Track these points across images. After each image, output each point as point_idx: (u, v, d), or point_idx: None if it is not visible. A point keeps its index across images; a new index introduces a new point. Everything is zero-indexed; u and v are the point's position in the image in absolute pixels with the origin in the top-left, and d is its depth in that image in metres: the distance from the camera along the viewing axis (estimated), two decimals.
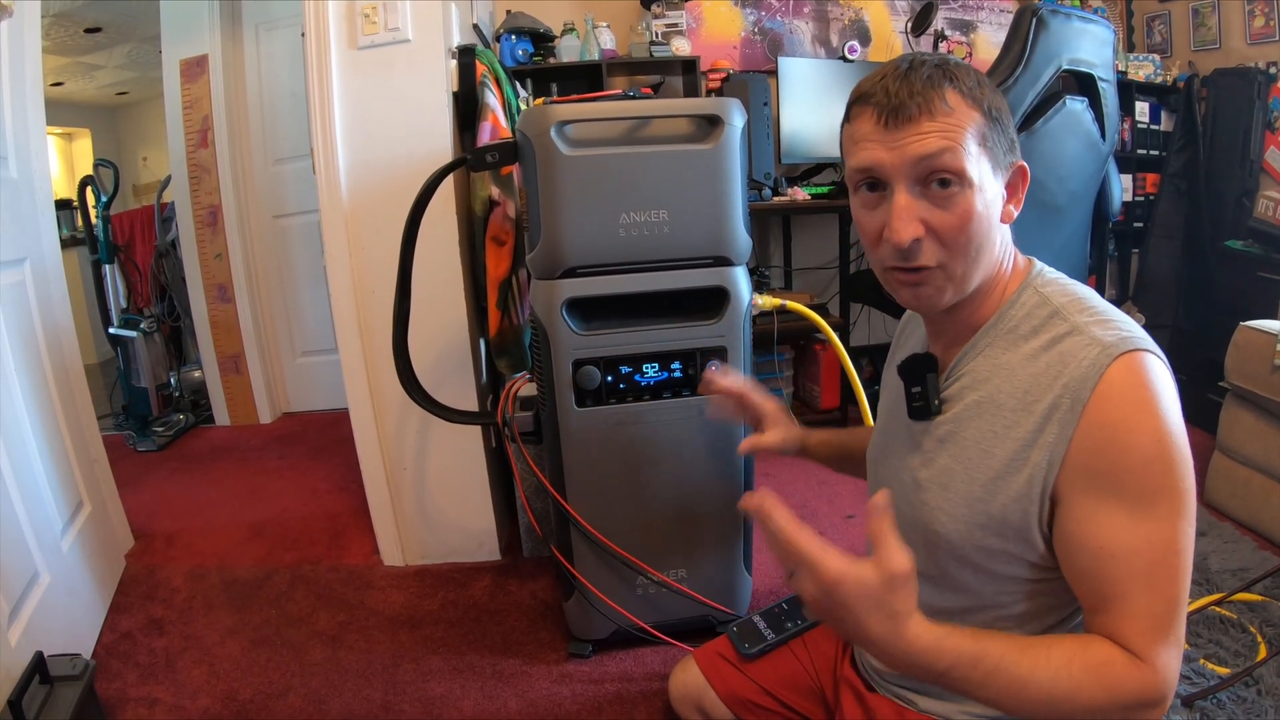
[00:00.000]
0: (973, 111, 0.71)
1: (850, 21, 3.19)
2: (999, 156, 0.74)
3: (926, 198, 0.72)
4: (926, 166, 0.70)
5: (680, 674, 1.17)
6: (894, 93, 0.71)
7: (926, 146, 0.70)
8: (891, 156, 0.71)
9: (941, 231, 0.72)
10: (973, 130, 0.71)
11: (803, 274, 3.27)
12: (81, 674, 1.32)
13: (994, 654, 0.66)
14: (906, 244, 0.72)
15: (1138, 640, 0.66)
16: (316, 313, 3.16)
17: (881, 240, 0.74)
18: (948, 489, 0.78)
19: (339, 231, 1.79)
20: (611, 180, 1.34)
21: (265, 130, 3.06)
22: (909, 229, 0.71)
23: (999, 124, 0.73)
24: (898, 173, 0.71)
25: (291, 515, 2.30)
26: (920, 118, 0.70)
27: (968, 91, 0.72)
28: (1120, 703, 0.65)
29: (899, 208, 0.71)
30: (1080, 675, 0.65)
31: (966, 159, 0.70)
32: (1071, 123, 2.04)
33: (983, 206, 0.72)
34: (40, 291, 1.74)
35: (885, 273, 0.78)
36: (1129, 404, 0.67)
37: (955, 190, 0.71)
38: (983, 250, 0.74)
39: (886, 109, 0.71)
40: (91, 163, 3.58)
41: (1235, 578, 1.73)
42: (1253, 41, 2.99)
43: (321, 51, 1.73)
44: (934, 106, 0.70)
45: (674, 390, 1.45)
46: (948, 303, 0.77)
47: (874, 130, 0.72)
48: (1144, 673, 0.65)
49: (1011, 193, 0.77)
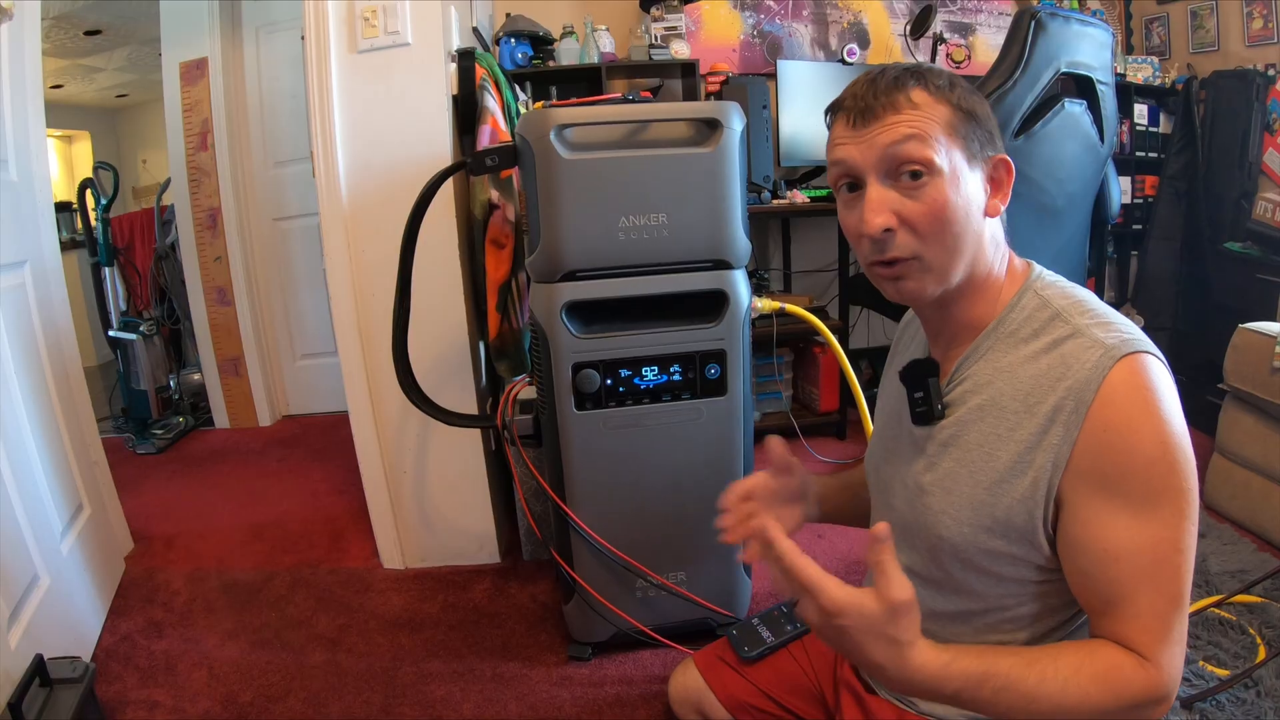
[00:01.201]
0: (939, 106, 0.73)
1: (849, 24, 3.20)
2: (973, 148, 0.75)
3: (898, 189, 0.73)
4: (894, 156, 0.72)
5: (680, 677, 1.17)
6: (861, 96, 0.75)
7: (892, 135, 0.72)
8: (860, 151, 0.74)
9: (914, 221, 0.73)
10: (940, 122, 0.73)
11: (802, 277, 3.27)
12: (81, 677, 1.32)
13: (1001, 671, 0.66)
14: (878, 234, 0.73)
15: (1143, 641, 0.66)
16: (316, 315, 3.16)
17: (860, 236, 0.76)
18: (951, 492, 0.78)
19: (339, 234, 1.79)
20: (611, 184, 1.34)
21: (265, 133, 3.06)
22: (880, 219, 0.73)
23: (972, 118, 0.75)
24: (868, 166, 0.74)
25: (291, 518, 2.30)
26: (885, 114, 0.73)
27: (935, 90, 0.74)
28: (1128, 705, 0.66)
29: (870, 199, 0.74)
30: (1088, 683, 0.66)
31: (935, 147, 0.72)
32: (1070, 125, 2.04)
33: (956, 196, 0.73)
34: (40, 294, 1.74)
35: (869, 269, 0.79)
36: (1132, 406, 0.67)
37: (925, 180, 0.72)
38: (961, 240, 0.74)
39: (854, 111, 0.74)
40: (91, 165, 3.59)
41: (1234, 579, 1.73)
42: (1251, 44, 3.00)
43: (321, 54, 1.73)
44: (899, 104, 0.73)
45: (673, 393, 1.45)
46: (932, 294, 0.77)
47: (845, 131, 0.76)
48: (1150, 673, 0.66)
49: (996, 187, 0.77)
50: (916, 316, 0.97)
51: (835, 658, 1.06)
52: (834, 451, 2.68)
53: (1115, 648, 0.67)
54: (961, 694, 0.66)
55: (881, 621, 0.63)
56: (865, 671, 0.67)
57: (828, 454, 2.64)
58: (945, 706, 0.86)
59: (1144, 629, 0.66)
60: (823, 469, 2.54)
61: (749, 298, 1.47)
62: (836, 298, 2.84)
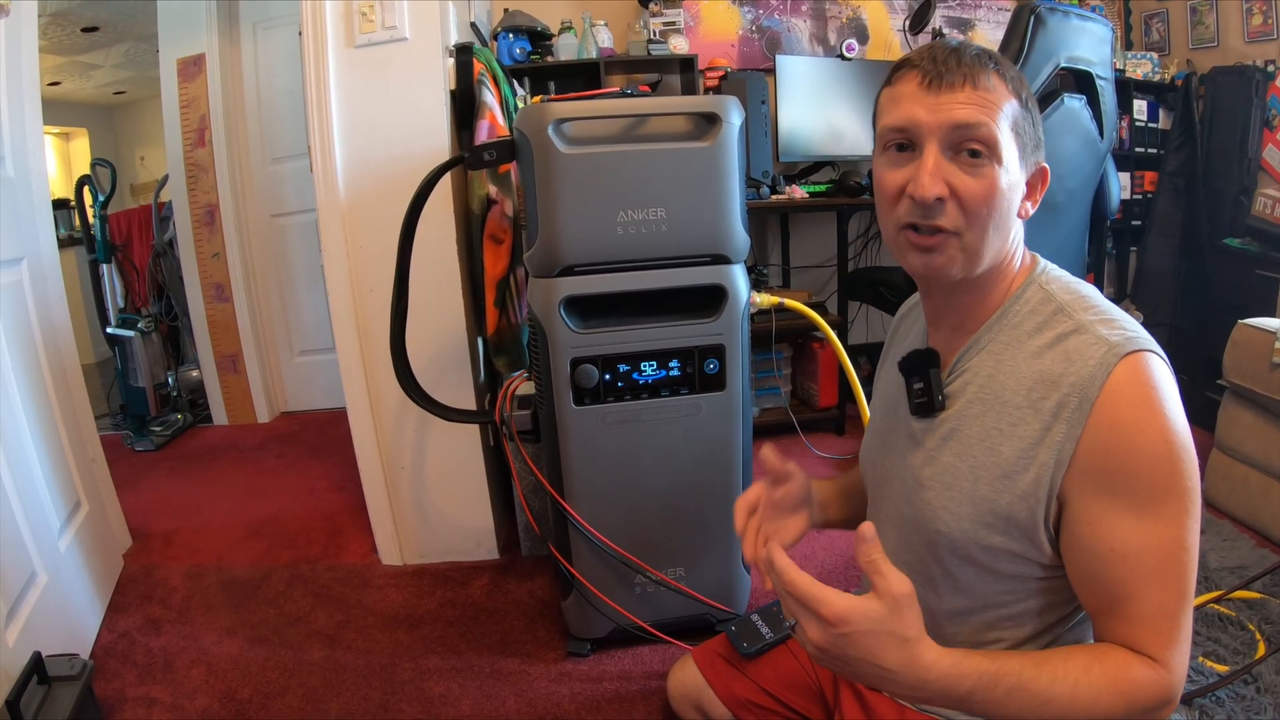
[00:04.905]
0: (1011, 97, 0.73)
1: (848, 19, 3.19)
2: (1026, 148, 0.75)
3: (956, 163, 0.73)
4: (961, 135, 0.72)
5: (679, 673, 1.17)
6: (942, 60, 0.73)
7: (965, 115, 0.71)
8: (930, 116, 0.72)
9: (965, 198, 0.72)
10: (1008, 112, 0.72)
11: (801, 272, 3.27)
12: (80, 674, 1.32)
13: (1012, 671, 0.66)
14: (931, 199, 0.72)
15: (1152, 642, 0.66)
16: (314, 312, 3.15)
17: (902, 197, 0.74)
18: (951, 487, 0.78)
19: (336, 230, 1.79)
20: (609, 178, 1.34)
21: (263, 129, 3.05)
22: (935, 185, 0.72)
23: (1031, 118, 0.75)
24: (932, 133, 0.72)
25: (289, 515, 2.30)
26: (964, 86, 0.72)
27: (1009, 79, 0.74)
28: (1139, 707, 0.65)
29: (927, 164, 0.72)
30: (1099, 684, 0.65)
31: (1000, 134, 0.71)
32: (1070, 120, 2.04)
33: (1007, 186, 0.73)
34: (38, 291, 1.74)
35: (899, 233, 0.77)
36: (1136, 404, 0.67)
37: (984, 162, 0.72)
38: (999, 230, 0.74)
39: (932, 73, 0.73)
40: (89, 162, 3.58)
41: (1234, 575, 1.73)
42: (1250, 40, 2.99)
43: (319, 50, 1.72)
44: (978, 80, 0.72)
45: (672, 388, 1.45)
46: (955, 276, 0.76)
47: (916, 90, 0.73)
48: (1161, 676, 0.66)
49: (1030, 191, 0.77)
50: (915, 307, 0.96)
51: None
52: (833, 447, 2.68)
53: (1123, 650, 0.67)
54: (975, 694, 0.65)
55: (887, 619, 0.62)
56: (878, 686, 0.66)
57: (826, 450, 2.64)
58: None
59: (1152, 629, 0.66)
60: (821, 466, 2.54)
61: (748, 293, 1.47)
62: (835, 293, 2.83)
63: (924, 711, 0.87)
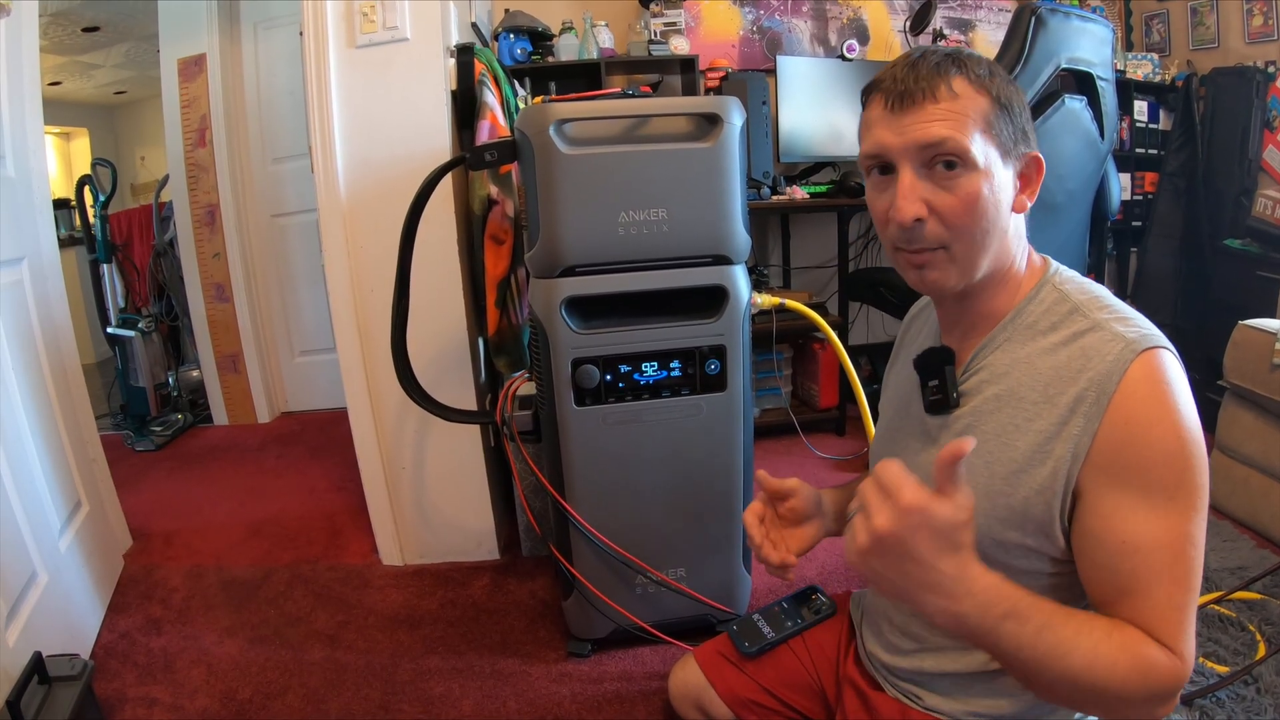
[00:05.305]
0: (979, 98, 0.73)
1: (849, 20, 3.19)
2: (1008, 144, 0.74)
3: (931, 179, 0.73)
4: (930, 152, 0.72)
5: (680, 673, 1.17)
6: (901, 79, 0.73)
7: (930, 133, 0.72)
8: (896, 139, 0.73)
9: (944, 213, 0.73)
10: (978, 116, 0.72)
11: (801, 273, 3.27)
12: (80, 674, 1.31)
13: (1045, 609, 0.65)
14: (909, 223, 0.73)
15: (1162, 630, 0.66)
16: (315, 312, 3.15)
17: (888, 220, 0.76)
18: (966, 483, 0.78)
19: (337, 230, 1.79)
20: (610, 179, 1.34)
21: (263, 129, 3.05)
22: (911, 208, 0.73)
23: (1008, 112, 0.74)
24: (903, 155, 0.73)
25: (290, 515, 2.30)
26: (925, 103, 0.72)
27: (976, 79, 0.73)
28: (1152, 683, 0.65)
29: (903, 187, 0.73)
30: (1118, 651, 0.65)
31: (971, 143, 0.71)
32: (1070, 121, 2.04)
33: (988, 191, 0.73)
34: (38, 291, 1.74)
35: (894, 254, 0.79)
36: (1152, 401, 0.68)
37: (959, 173, 0.72)
38: (989, 235, 0.74)
39: (893, 94, 0.73)
40: (89, 162, 3.58)
41: (1234, 576, 1.73)
42: (1251, 40, 3.00)
43: (320, 50, 1.72)
44: (939, 93, 0.72)
45: (673, 389, 1.45)
46: (954, 287, 0.77)
47: (883, 114, 0.74)
48: (1174, 661, 0.66)
49: (1025, 183, 0.78)
50: (925, 307, 0.96)
51: (838, 654, 1.06)
52: (833, 448, 2.68)
53: (1139, 630, 0.67)
54: (1007, 620, 0.63)
55: (955, 521, 0.61)
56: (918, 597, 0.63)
57: (827, 450, 2.64)
58: (950, 704, 0.85)
59: (1163, 620, 0.66)
60: (822, 466, 2.54)
61: (749, 293, 1.47)
62: (836, 294, 2.83)
63: (926, 709, 0.87)
